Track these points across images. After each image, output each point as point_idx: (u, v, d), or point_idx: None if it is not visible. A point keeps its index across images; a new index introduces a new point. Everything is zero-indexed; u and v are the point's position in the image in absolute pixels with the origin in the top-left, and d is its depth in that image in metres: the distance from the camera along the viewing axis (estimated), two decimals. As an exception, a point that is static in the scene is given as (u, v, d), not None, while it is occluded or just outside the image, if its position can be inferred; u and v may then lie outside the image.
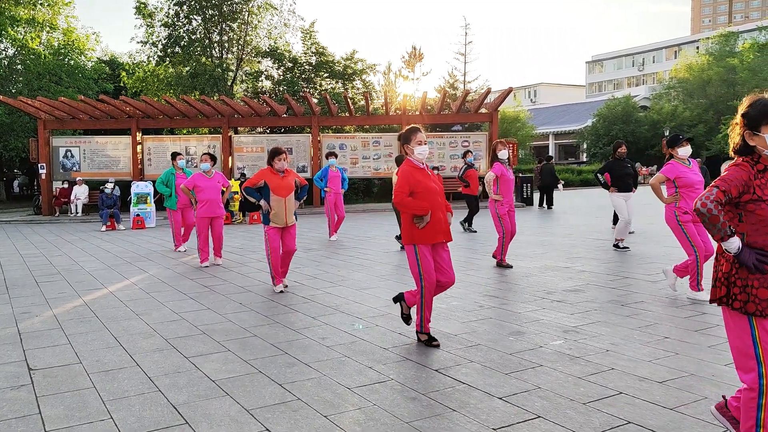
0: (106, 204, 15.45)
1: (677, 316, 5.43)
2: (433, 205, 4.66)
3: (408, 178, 4.69)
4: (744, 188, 2.68)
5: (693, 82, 39.32)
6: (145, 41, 27.64)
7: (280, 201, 6.90)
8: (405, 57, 36.50)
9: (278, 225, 6.93)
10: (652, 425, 3.20)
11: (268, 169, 7.03)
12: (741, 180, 2.68)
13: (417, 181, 4.68)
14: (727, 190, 2.69)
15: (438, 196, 4.73)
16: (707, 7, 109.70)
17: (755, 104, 2.72)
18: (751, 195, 2.67)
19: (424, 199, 4.65)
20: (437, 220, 4.67)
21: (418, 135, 4.80)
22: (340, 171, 12.01)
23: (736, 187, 2.68)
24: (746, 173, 2.69)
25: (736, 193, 2.69)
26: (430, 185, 4.72)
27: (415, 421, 3.31)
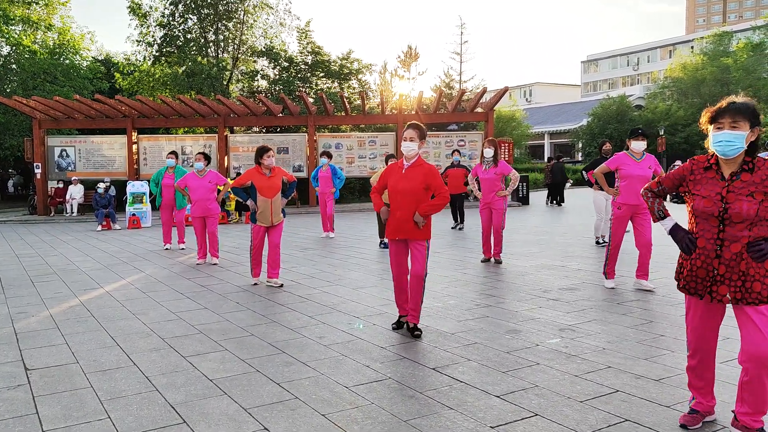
0: (100, 204, 15.40)
1: (672, 314, 5.46)
2: (393, 205, 4.97)
3: (383, 175, 5.16)
4: (678, 182, 3.15)
5: (687, 82, 39.46)
6: (140, 41, 27.56)
7: (267, 201, 7.08)
8: (401, 56, 36.56)
9: (264, 224, 7.15)
10: (648, 423, 3.22)
11: (255, 168, 7.12)
12: (677, 175, 3.14)
13: (388, 179, 5.07)
14: (662, 181, 3.25)
15: (402, 196, 4.90)
16: (701, 7, 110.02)
17: None
18: (685, 188, 3.11)
19: (389, 198, 5.02)
20: (394, 219, 4.96)
21: (405, 132, 5.01)
22: (335, 169, 12.18)
23: (671, 180, 3.18)
24: (684, 169, 3.12)
25: (670, 185, 3.20)
26: (398, 185, 4.96)
27: (413, 420, 3.33)
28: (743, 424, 2.98)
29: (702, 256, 3.00)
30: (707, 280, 2.99)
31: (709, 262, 2.97)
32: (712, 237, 2.95)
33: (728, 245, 2.91)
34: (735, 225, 2.89)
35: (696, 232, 3.04)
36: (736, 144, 2.87)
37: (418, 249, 4.93)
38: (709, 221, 2.96)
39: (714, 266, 2.96)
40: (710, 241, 2.96)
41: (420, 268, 4.91)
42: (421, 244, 4.93)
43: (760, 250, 2.85)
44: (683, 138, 35.30)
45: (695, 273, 3.03)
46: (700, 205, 2.97)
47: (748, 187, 2.87)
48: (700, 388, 3.20)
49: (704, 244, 2.99)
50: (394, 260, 5.06)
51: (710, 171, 3.01)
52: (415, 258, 4.93)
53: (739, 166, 2.94)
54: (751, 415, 2.94)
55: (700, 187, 3.00)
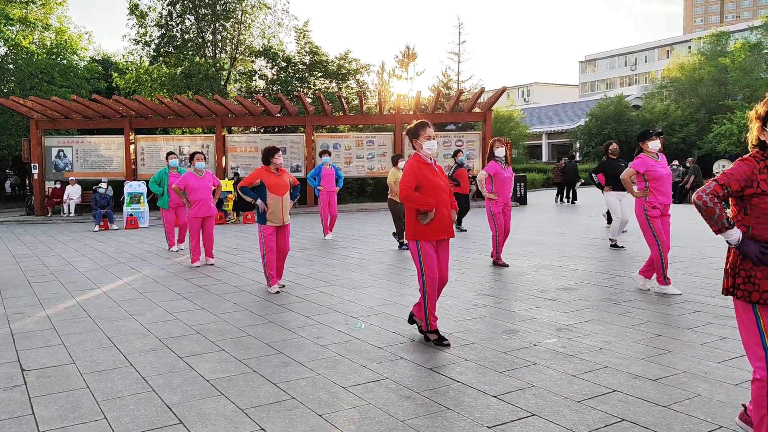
0: (99, 204, 15.38)
1: (669, 314, 5.46)
2: (439, 202, 4.65)
3: (415, 173, 4.66)
4: (746, 182, 2.71)
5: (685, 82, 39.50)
6: (138, 41, 27.54)
7: (278, 199, 6.92)
8: (399, 57, 36.52)
9: (275, 224, 6.93)
10: (645, 422, 3.22)
11: (263, 168, 7.06)
12: (743, 174, 2.72)
13: (424, 176, 4.66)
14: (726, 183, 2.74)
15: (443, 193, 4.74)
16: (699, 7, 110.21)
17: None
18: (755, 189, 2.71)
19: (430, 195, 4.63)
20: (441, 217, 4.67)
21: (427, 130, 4.79)
22: (335, 169, 12.03)
23: (737, 181, 2.72)
24: (750, 168, 2.72)
25: (737, 187, 2.73)
26: (437, 181, 4.71)
27: (410, 420, 3.32)
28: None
29: None
30: None
31: None
32: None
33: None
34: None
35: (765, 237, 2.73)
36: None
37: (447, 249, 4.86)
38: None
39: None
40: None
41: (448, 274, 4.86)
42: (448, 247, 4.89)
43: None
44: (681, 138, 35.34)
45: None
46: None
47: None
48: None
49: None
50: (435, 262, 4.67)
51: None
52: (446, 262, 4.81)
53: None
54: None
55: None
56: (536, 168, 36.42)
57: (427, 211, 4.61)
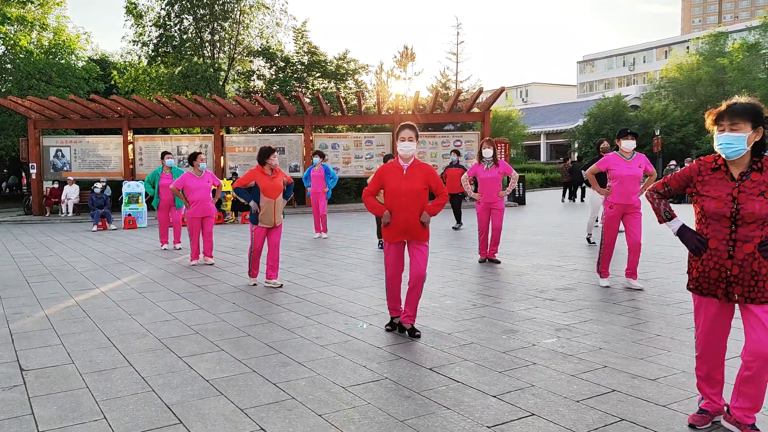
0: (96, 204, 15.36)
1: (668, 314, 5.47)
2: (396, 207, 4.83)
3: (380, 177, 4.99)
4: (685, 182, 3.12)
5: (683, 82, 39.56)
6: (136, 41, 27.50)
7: (270, 202, 7.01)
8: (397, 57, 36.53)
9: (266, 225, 7.07)
10: (644, 422, 3.23)
11: (258, 168, 7.07)
12: (684, 175, 3.12)
13: (386, 180, 4.91)
14: (668, 182, 3.22)
15: (404, 198, 4.81)
16: (697, 8, 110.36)
17: None
18: (692, 189, 3.08)
19: (388, 200, 4.90)
20: (397, 221, 4.84)
21: (402, 132, 4.92)
22: (327, 169, 12.21)
23: (677, 180, 3.16)
24: (691, 170, 3.09)
25: (676, 185, 3.17)
26: (399, 186, 4.84)
27: (410, 420, 3.33)
28: (736, 418, 3.01)
29: (714, 257, 2.97)
30: (720, 281, 2.96)
31: (721, 263, 2.95)
32: (724, 238, 2.93)
33: (741, 245, 2.89)
34: (747, 225, 2.87)
35: (707, 233, 3.01)
36: (735, 146, 2.87)
37: (422, 250, 4.91)
38: (720, 222, 2.93)
39: (727, 267, 2.93)
40: (722, 242, 2.94)
41: (423, 269, 4.90)
42: (424, 245, 4.93)
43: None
44: (679, 138, 35.40)
45: (707, 274, 3.00)
46: (711, 206, 2.94)
47: (758, 187, 2.86)
48: (710, 387, 3.16)
49: (716, 245, 2.96)
50: (392, 262, 4.97)
51: (719, 171, 2.98)
52: (419, 259, 4.89)
53: (748, 166, 2.92)
54: (745, 411, 2.97)
55: (709, 188, 2.97)
56: (535, 168, 36.43)
57: (379, 216, 4.95)
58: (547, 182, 33.74)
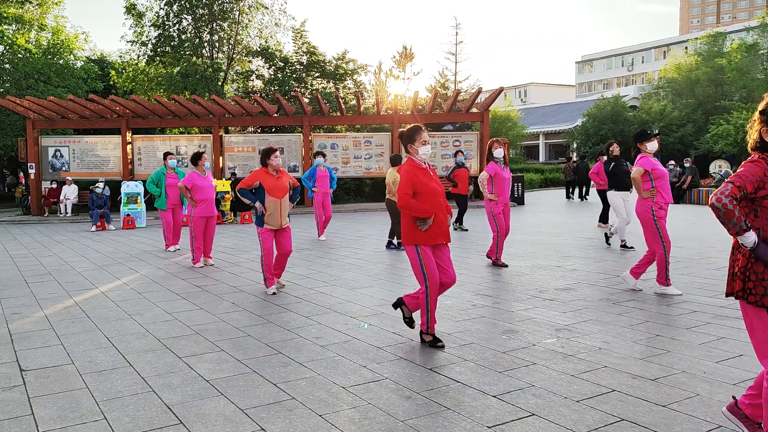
0: (96, 204, 15.35)
1: (668, 314, 5.47)
2: (435, 207, 4.63)
3: (412, 179, 4.64)
4: (759, 184, 2.71)
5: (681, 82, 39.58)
6: (135, 41, 27.47)
7: (276, 202, 6.78)
8: (396, 57, 36.51)
9: (273, 227, 6.83)
10: (645, 422, 3.23)
11: (262, 169, 6.93)
12: (756, 176, 2.71)
13: (420, 182, 4.64)
14: (742, 185, 2.71)
15: (440, 197, 4.71)
16: (695, 8, 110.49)
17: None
18: (767, 191, 2.70)
19: (427, 201, 4.61)
20: (438, 222, 4.64)
21: (422, 134, 4.76)
22: (329, 170, 12.06)
23: (751, 183, 2.71)
24: (761, 170, 2.71)
25: (751, 189, 2.72)
26: (433, 186, 4.69)
27: (410, 420, 3.32)
28: (744, 413, 2.95)
29: None
30: None
31: None
32: None
33: None
34: None
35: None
36: None
37: (449, 251, 4.84)
38: None
39: None
40: None
41: (455, 273, 4.84)
42: (448, 247, 4.87)
43: None
44: (677, 138, 35.42)
45: None
46: None
47: None
48: None
49: None
50: (435, 266, 4.65)
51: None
52: (449, 263, 4.80)
53: None
54: (755, 408, 2.89)
55: None
56: (533, 168, 36.44)
57: (426, 219, 4.59)
58: (546, 182, 33.75)
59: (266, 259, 6.83)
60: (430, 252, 4.64)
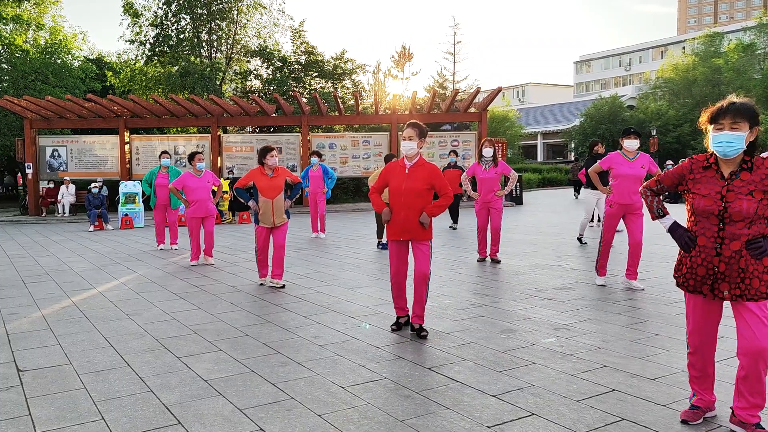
0: (93, 204, 15.32)
1: (667, 314, 5.47)
2: (396, 205, 4.88)
3: (383, 175, 5.09)
4: (677, 180, 3.17)
5: (679, 82, 39.64)
6: (133, 40, 27.42)
7: (268, 203, 7.00)
8: (394, 56, 36.46)
9: (266, 225, 7.06)
10: (644, 421, 3.23)
11: (257, 169, 7.08)
12: (676, 173, 3.18)
13: (389, 178, 5.01)
14: (661, 180, 3.27)
15: (405, 197, 4.84)
16: (693, 8, 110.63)
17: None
18: (684, 187, 3.14)
19: (390, 198, 4.94)
20: (397, 219, 4.89)
21: (405, 131, 4.97)
22: (326, 169, 12.22)
23: (670, 178, 3.21)
24: (684, 168, 3.15)
25: (669, 183, 3.23)
26: (400, 185, 4.88)
27: (409, 419, 3.32)
28: (740, 419, 3.02)
29: (702, 254, 3.03)
30: (708, 278, 3.02)
31: (709, 260, 3.00)
32: (713, 235, 2.99)
33: (728, 243, 2.94)
34: (735, 223, 2.93)
35: (696, 230, 3.06)
36: (736, 144, 2.92)
37: (423, 249, 4.92)
38: (709, 219, 2.99)
39: (714, 264, 2.99)
40: (710, 240, 2.99)
41: (425, 268, 4.90)
42: (425, 245, 4.93)
43: (758, 247, 2.90)
44: (675, 138, 35.48)
45: (695, 271, 3.06)
46: (700, 203, 3.00)
47: (747, 186, 2.92)
48: (701, 383, 3.22)
49: (704, 242, 3.02)
50: (395, 261, 5.00)
51: (710, 170, 3.04)
52: (420, 258, 4.91)
53: (738, 165, 2.98)
54: (748, 410, 2.98)
55: (700, 186, 3.03)
56: (532, 168, 36.46)
57: (381, 212, 5.01)
58: (544, 182, 33.77)
59: (259, 254, 7.23)
60: (392, 246, 5.00)
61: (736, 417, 3.05)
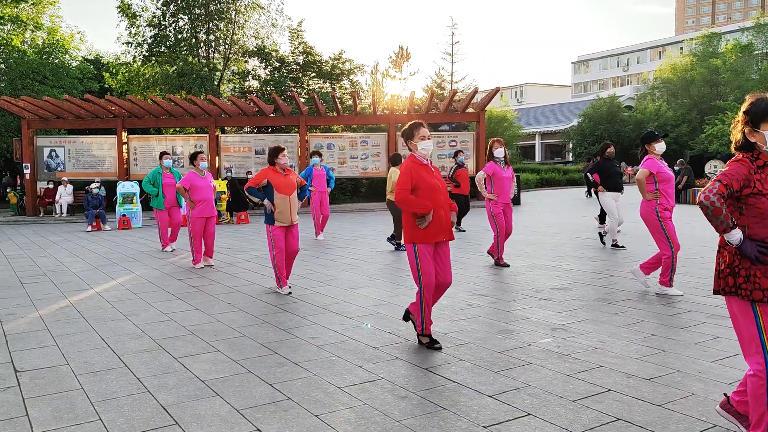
0: (91, 204, 15.31)
1: (663, 314, 5.49)
2: (436, 203, 4.57)
3: (411, 174, 4.60)
4: (744, 182, 2.80)
5: (677, 83, 39.73)
6: (131, 42, 27.39)
7: (285, 199, 6.80)
8: (392, 57, 36.48)
9: (284, 224, 6.81)
10: (640, 421, 3.24)
11: (270, 168, 6.97)
12: (742, 174, 2.80)
13: (420, 177, 4.60)
14: (729, 184, 2.80)
15: (440, 194, 4.67)
16: (691, 8, 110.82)
17: (756, 103, 2.82)
18: (752, 189, 2.79)
19: (426, 197, 4.56)
20: (439, 219, 4.59)
21: (421, 130, 4.76)
22: (326, 170, 12.15)
23: (738, 181, 2.80)
24: (746, 168, 2.80)
25: (738, 187, 2.81)
26: (433, 182, 4.64)
27: (406, 420, 3.33)
28: (737, 410, 2.99)
29: None
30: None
31: None
32: None
33: None
34: None
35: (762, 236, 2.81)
36: None
37: (448, 252, 4.76)
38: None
39: None
40: None
41: (451, 276, 4.77)
42: (449, 246, 4.80)
43: None
44: (672, 138, 35.54)
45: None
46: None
47: None
48: None
49: None
50: (432, 266, 4.61)
51: (766, 168, 2.83)
52: (448, 262, 4.73)
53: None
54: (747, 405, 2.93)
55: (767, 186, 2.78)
56: (530, 168, 36.50)
57: (425, 215, 4.52)
58: (542, 182, 33.81)
59: (278, 259, 6.79)
60: (427, 252, 4.58)
61: (732, 406, 3.02)
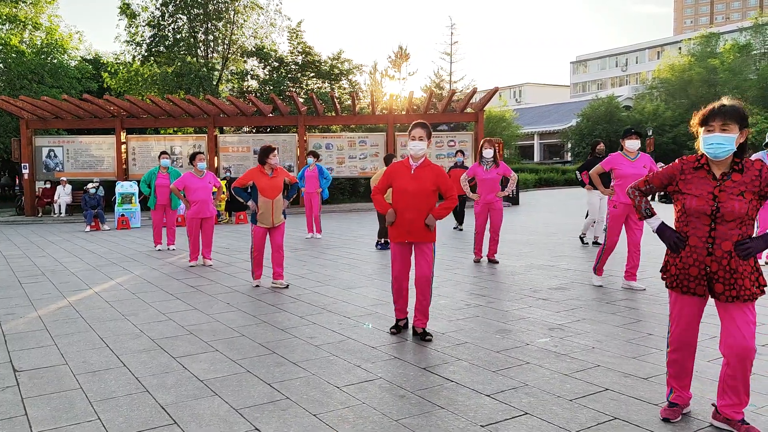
0: (89, 204, 15.30)
1: (660, 314, 5.51)
2: (401, 206, 4.82)
3: (388, 174, 4.97)
4: (667, 181, 3.18)
5: (675, 83, 39.79)
6: (130, 41, 27.38)
7: (268, 202, 6.96)
8: (391, 57, 36.55)
9: (265, 225, 7.02)
10: (637, 421, 3.25)
11: (257, 168, 7.04)
12: (666, 174, 3.19)
13: (395, 179, 4.90)
14: (649, 180, 3.28)
15: (411, 198, 4.78)
16: (689, 8, 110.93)
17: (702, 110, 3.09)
18: (674, 188, 3.14)
19: (395, 199, 4.88)
20: (402, 221, 4.83)
21: (412, 131, 4.89)
22: (321, 170, 12.27)
23: (660, 178, 3.22)
24: (674, 168, 3.16)
25: (658, 183, 3.23)
26: (406, 186, 4.81)
27: (404, 419, 3.34)
28: (725, 416, 3.06)
29: (694, 254, 3.05)
30: (701, 278, 3.05)
31: (701, 260, 3.03)
32: (704, 235, 3.02)
33: (719, 243, 2.98)
34: (726, 223, 2.96)
35: (686, 230, 3.09)
36: (726, 146, 2.96)
37: (426, 252, 4.86)
38: (700, 219, 3.02)
39: (706, 264, 3.02)
40: (702, 240, 3.02)
41: (429, 271, 4.86)
42: (429, 247, 4.87)
43: (746, 248, 2.94)
44: (671, 138, 35.60)
45: (687, 271, 3.09)
46: (692, 203, 3.02)
47: (738, 187, 2.96)
48: (680, 380, 3.27)
49: (696, 242, 3.05)
50: (397, 263, 4.94)
51: (701, 170, 3.07)
52: (424, 260, 4.85)
53: (729, 167, 3.02)
54: (733, 407, 3.04)
55: (692, 186, 3.05)
56: (528, 168, 36.54)
57: (386, 214, 4.92)
58: (540, 182, 33.85)
59: (255, 255, 7.16)
60: (395, 249, 4.95)
61: (720, 414, 3.10)
